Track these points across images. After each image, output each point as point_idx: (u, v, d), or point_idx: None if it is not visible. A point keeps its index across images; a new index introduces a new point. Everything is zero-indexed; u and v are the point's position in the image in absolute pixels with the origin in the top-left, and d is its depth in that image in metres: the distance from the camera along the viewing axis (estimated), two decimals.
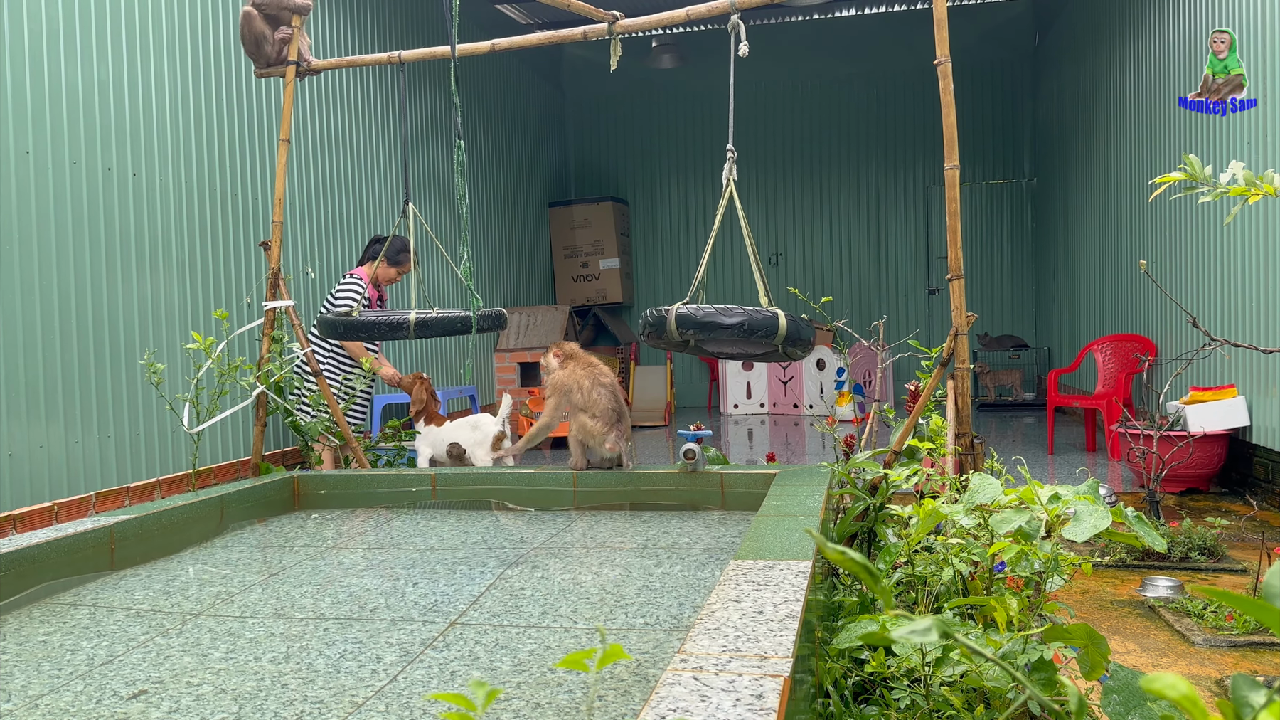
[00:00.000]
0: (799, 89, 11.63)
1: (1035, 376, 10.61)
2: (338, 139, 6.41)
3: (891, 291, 11.51)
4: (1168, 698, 0.65)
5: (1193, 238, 5.80)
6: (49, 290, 4.06)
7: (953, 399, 2.99)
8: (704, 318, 3.12)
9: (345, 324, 4.02)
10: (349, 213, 6.50)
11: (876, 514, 2.76)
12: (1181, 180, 2.03)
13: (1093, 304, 8.33)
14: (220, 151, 5.19)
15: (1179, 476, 5.14)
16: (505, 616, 2.10)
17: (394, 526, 3.25)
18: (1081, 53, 8.72)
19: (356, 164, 6.65)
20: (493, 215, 9.43)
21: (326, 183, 6.26)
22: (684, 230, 11.96)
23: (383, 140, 7.02)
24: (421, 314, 3.83)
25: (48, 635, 2.07)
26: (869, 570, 1.16)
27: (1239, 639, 2.92)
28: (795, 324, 3.16)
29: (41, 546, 2.50)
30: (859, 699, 1.92)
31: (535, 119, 10.90)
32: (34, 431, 3.96)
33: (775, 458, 5.15)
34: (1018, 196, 11.22)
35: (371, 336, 3.99)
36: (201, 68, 5.07)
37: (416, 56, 4.02)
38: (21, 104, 3.96)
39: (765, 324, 3.10)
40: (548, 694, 1.64)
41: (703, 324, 3.11)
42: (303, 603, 2.28)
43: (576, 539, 2.90)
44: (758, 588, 1.71)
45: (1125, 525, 1.81)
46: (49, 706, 1.66)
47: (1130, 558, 3.87)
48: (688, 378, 11.92)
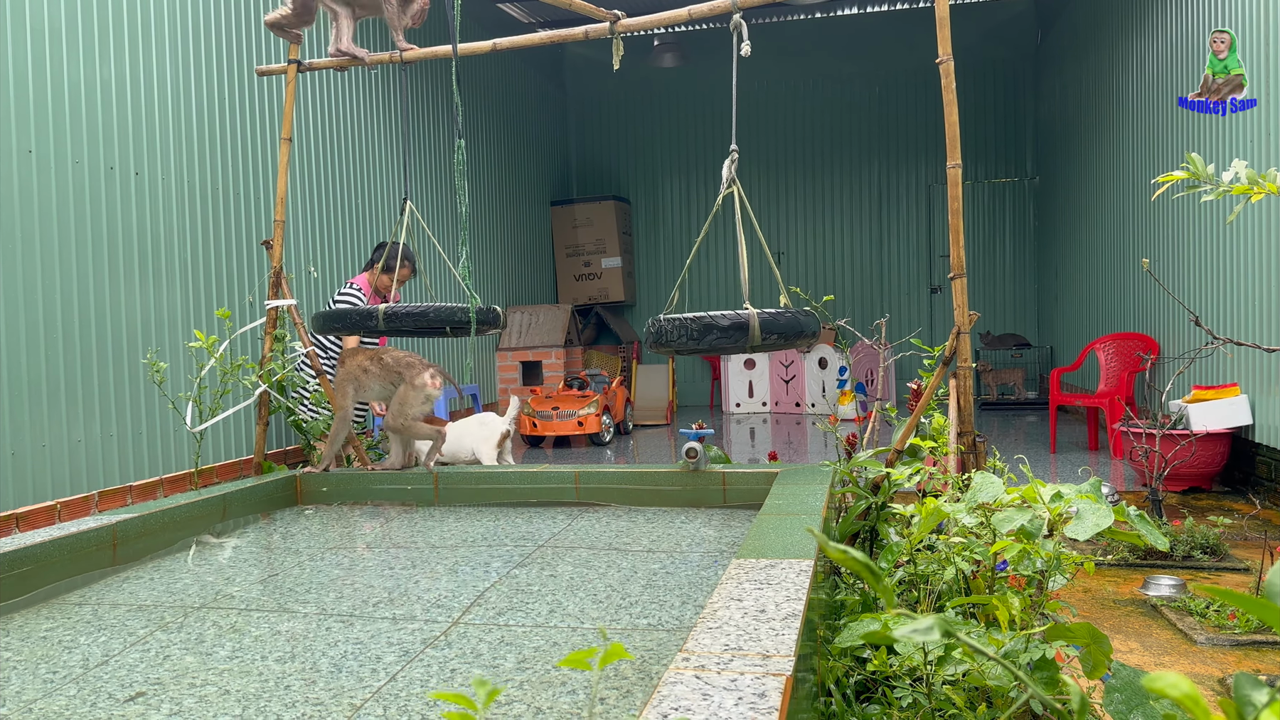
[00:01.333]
0: (801, 88, 11.62)
1: (1037, 375, 10.60)
2: (340, 138, 6.41)
3: (893, 290, 11.50)
4: (1170, 697, 0.65)
5: (1195, 236, 5.79)
6: (51, 289, 4.07)
7: (955, 398, 2.99)
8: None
9: (321, 316, 3.97)
10: (351, 211, 6.50)
11: (879, 513, 2.76)
12: (1184, 179, 2.03)
13: (1095, 303, 8.32)
14: (222, 150, 5.20)
15: (1181, 475, 5.14)
16: (508, 614, 2.10)
17: (395, 525, 3.25)
18: (1084, 51, 8.71)
19: (358, 163, 6.65)
20: (495, 214, 9.43)
21: (328, 182, 6.26)
22: (686, 229, 11.95)
23: (385, 139, 7.02)
24: (392, 307, 3.77)
25: (49, 632, 2.08)
26: (871, 569, 1.16)
27: (1242, 638, 2.91)
28: (793, 319, 3.15)
29: (44, 545, 2.51)
30: (861, 698, 1.92)
31: (537, 118, 10.90)
32: (36, 430, 3.96)
33: (777, 456, 5.15)
34: (1020, 195, 11.21)
35: (344, 329, 3.92)
36: (204, 67, 5.08)
37: (418, 56, 4.01)
38: (24, 103, 3.96)
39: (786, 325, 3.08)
40: (550, 693, 1.64)
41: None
42: (306, 601, 2.28)
43: (578, 537, 2.90)
44: (760, 586, 1.71)
45: (1127, 524, 1.81)
46: (42, 710, 1.67)
47: (1133, 556, 3.86)
48: (689, 377, 11.92)
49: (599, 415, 7.95)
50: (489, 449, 5.14)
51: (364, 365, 3.79)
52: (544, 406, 8.02)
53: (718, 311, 3.04)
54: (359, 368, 3.80)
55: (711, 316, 3.00)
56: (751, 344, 3.03)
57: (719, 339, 2.99)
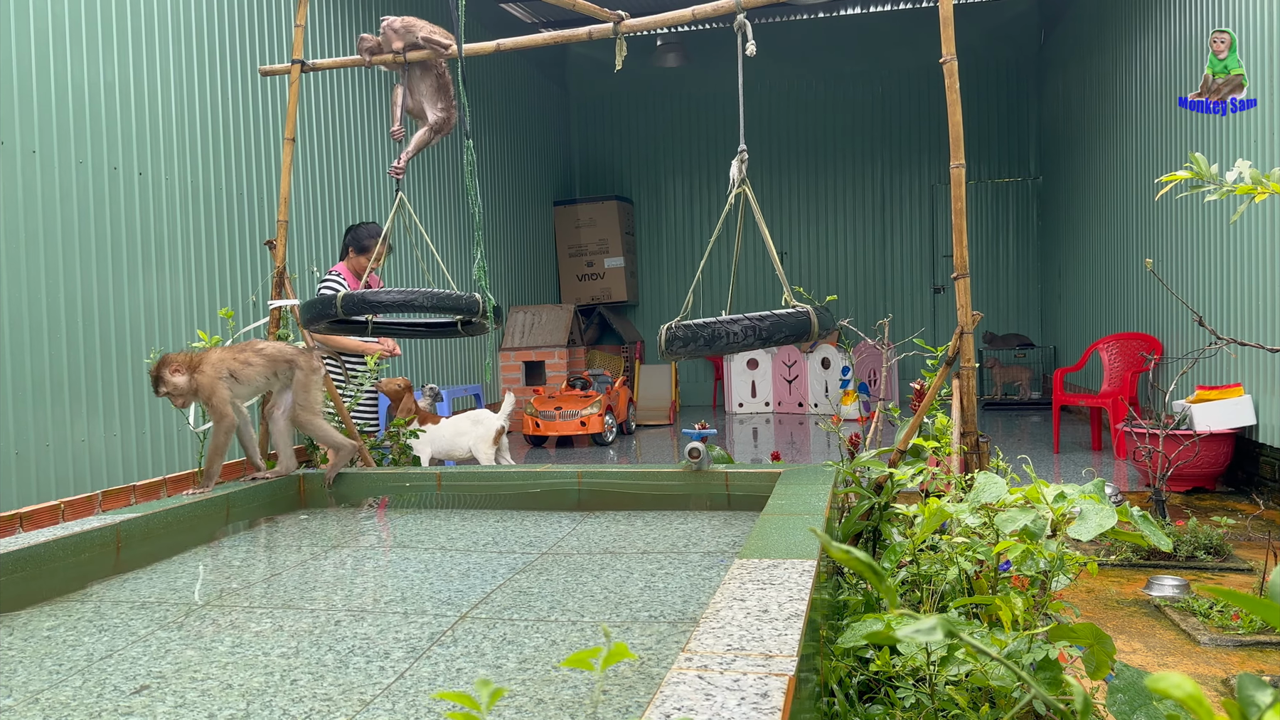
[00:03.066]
0: (804, 87, 11.62)
1: (1041, 375, 10.59)
2: (343, 138, 6.42)
3: (896, 290, 11.50)
4: (1173, 697, 0.65)
5: (1199, 236, 5.79)
6: (55, 289, 4.07)
7: (958, 398, 2.99)
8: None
9: (302, 308, 3.84)
10: (354, 212, 6.51)
11: (881, 513, 2.76)
12: (1188, 179, 2.03)
13: (1098, 302, 8.31)
14: (226, 150, 5.20)
15: (1185, 475, 5.13)
16: (512, 611, 2.11)
17: (399, 525, 3.26)
18: (1087, 51, 8.70)
19: (361, 163, 6.66)
20: (497, 214, 9.44)
21: (331, 181, 6.26)
22: (689, 229, 11.96)
23: (387, 139, 7.02)
24: (351, 293, 3.59)
25: (51, 630, 2.08)
26: (874, 569, 1.16)
27: (1245, 638, 2.91)
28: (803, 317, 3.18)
29: (48, 545, 2.51)
30: (864, 698, 1.92)
31: (540, 118, 10.91)
32: (40, 429, 3.97)
33: (780, 456, 5.15)
34: (1023, 195, 11.20)
35: (310, 318, 3.77)
36: (207, 67, 5.08)
37: (422, 56, 4.02)
38: (28, 104, 3.97)
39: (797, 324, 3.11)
40: (552, 690, 1.64)
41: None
42: (312, 598, 2.28)
43: (582, 537, 2.91)
44: (762, 586, 1.71)
45: (1131, 524, 1.80)
46: (49, 700, 1.67)
47: (1136, 557, 3.86)
48: (692, 377, 11.92)
49: (602, 415, 7.95)
50: (485, 447, 5.14)
51: (235, 358, 3.33)
52: (547, 406, 8.02)
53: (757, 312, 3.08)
54: (231, 360, 3.31)
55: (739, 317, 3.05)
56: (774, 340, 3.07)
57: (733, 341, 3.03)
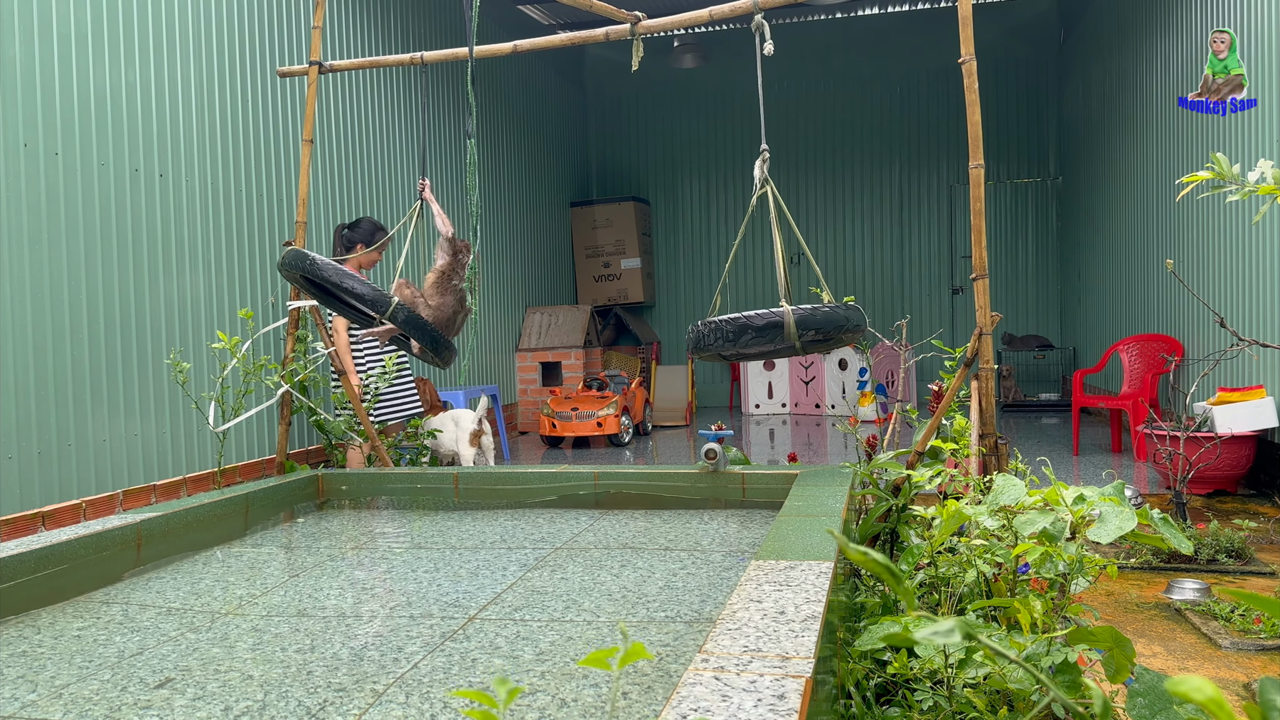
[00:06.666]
0: (821, 88, 11.59)
1: (1060, 377, 10.52)
2: (360, 139, 6.45)
3: (915, 291, 11.45)
4: (1194, 701, 0.65)
5: (1220, 237, 5.74)
6: (77, 290, 4.12)
7: (977, 399, 2.97)
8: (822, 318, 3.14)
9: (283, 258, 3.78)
10: (371, 212, 6.54)
11: (899, 515, 2.75)
12: (1209, 179, 2.01)
13: (1118, 304, 8.25)
14: (245, 152, 5.24)
15: (1206, 478, 5.08)
16: (527, 610, 2.11)
17: (416, 524, 3.27)
18: (1107, 50, 8.64)
19: (379, 164, 6.69)
20: (514, 215, 9.46)
21: (349, 183, 6.30)
22: (706, 230, 11.94)
23: (405, 140, 7.05)
24: (316, 258, 3.53)
25: (81, 630, 2.10)
26: (891, 571, 1.15)
27: (1267, 642, 2.88)
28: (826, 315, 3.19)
29: (70, 543, 2.54)
30: (881, 700, 1.92)
31: (557, 119, 10.93)
32: (63, 429, 4.01)
33: (797, 458, 5.14)
34: (1043, 195, 11.13)
35: (283, 264, 3.70)
36: (226, 70, 5.12)
37: (439, 58, 4.04)
38: (51, 107, 4.01)
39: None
40: (572, 686, 1.65)
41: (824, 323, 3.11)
42: (328, 596, 2.30)
43: (598, 537, 2.91)
44: (779, 588, 1.71)
45: (1151, 527, 1.79)
46: (74, 694, 1.69)
47: (1156, 560, 3.83)
48: (709, 378, 11.91)
49: (618, 416, 7.96)
50: (466, 449, 5.26)
51: None
52: (563, 407, 8.04)
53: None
54: None
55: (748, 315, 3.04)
56: (789, 343, 3.06)
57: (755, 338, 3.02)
